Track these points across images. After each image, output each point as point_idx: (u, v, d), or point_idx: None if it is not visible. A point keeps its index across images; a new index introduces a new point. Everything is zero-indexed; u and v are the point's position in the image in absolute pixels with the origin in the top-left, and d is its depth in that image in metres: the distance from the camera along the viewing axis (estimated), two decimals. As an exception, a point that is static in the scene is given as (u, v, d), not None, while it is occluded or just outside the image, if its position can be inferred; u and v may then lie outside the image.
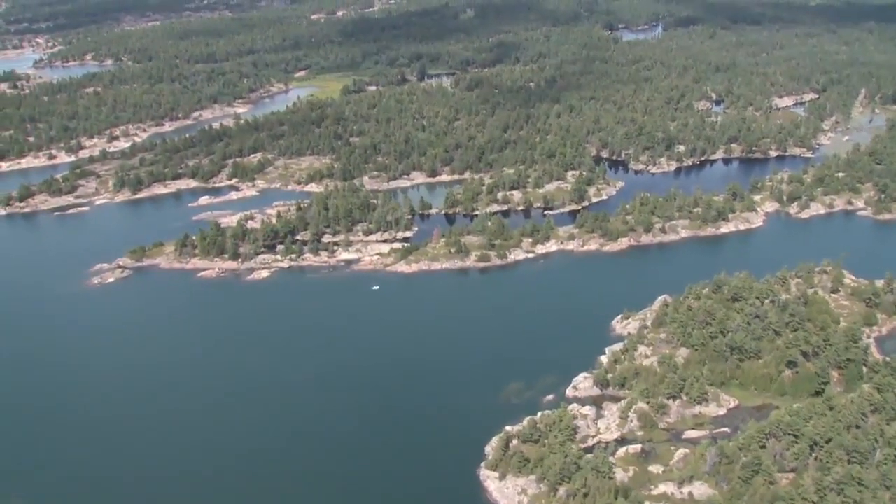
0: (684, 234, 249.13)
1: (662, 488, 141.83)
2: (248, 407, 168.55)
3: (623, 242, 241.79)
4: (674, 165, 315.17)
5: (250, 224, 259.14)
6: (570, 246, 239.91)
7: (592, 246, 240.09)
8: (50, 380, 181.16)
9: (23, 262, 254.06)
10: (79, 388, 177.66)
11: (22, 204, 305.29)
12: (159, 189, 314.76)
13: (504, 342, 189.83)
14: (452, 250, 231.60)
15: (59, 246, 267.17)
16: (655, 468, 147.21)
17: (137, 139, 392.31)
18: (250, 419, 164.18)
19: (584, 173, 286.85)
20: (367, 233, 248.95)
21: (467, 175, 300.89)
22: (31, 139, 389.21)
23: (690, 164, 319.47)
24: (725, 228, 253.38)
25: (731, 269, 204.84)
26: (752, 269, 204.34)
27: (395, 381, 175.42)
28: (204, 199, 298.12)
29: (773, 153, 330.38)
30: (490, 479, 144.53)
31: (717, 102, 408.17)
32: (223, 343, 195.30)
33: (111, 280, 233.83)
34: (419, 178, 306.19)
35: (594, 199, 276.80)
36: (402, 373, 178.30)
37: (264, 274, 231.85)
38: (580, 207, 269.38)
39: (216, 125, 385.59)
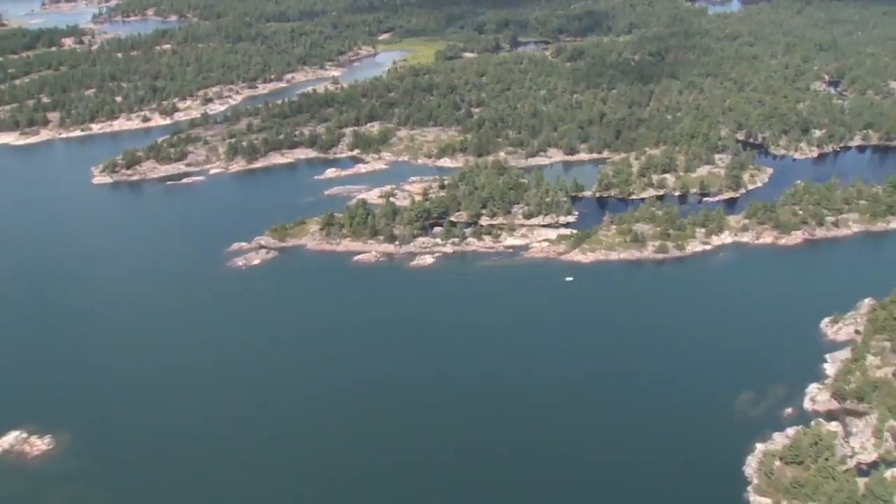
0: (856, 228, 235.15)
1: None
2: (451, 416, 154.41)
3: (797, 236, 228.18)
4: (815, 151, 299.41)
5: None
6: (745, 238, 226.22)
7: (767, 239, 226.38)
8: (257, 378, 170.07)
9: (151, 240, 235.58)
10: (279, 387, 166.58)
11: (129, 171, 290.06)
12: (276, 159, 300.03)
13: (712, 344, 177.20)
14: (627, 239, 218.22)
15: (183, 221, 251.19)
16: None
17: (233, 101, 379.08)
18: (452, 432, 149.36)
19: (735, 157, 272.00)
20: (528, 216, 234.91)
21: (606, 154, 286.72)
22: (119, 99, 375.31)
23: (830, 150, 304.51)
24: (895, 224, 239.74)
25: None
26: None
27: (620, 385, 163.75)
28: (331, 172, 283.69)
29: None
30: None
31: (831, 84, 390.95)
32: (421, 340, 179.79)
33: (257, 262, 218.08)
34: (557, 155, 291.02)
35: (749, 187, 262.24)
36: (626, 378, 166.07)
37: (429, 260, 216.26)
38: (737, 195, 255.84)
39: (318, 89, 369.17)
